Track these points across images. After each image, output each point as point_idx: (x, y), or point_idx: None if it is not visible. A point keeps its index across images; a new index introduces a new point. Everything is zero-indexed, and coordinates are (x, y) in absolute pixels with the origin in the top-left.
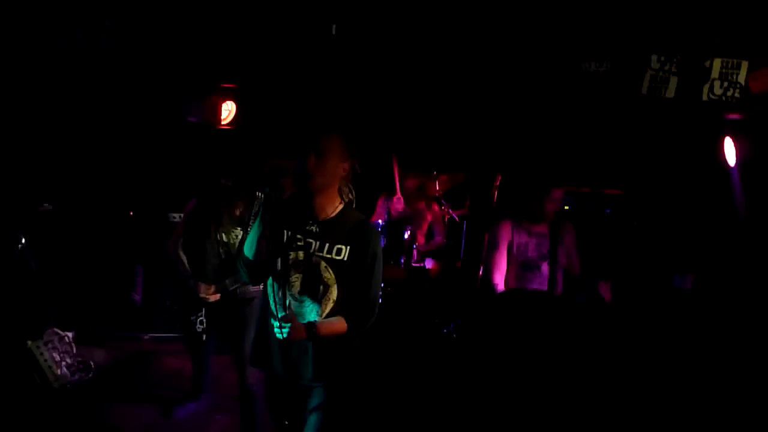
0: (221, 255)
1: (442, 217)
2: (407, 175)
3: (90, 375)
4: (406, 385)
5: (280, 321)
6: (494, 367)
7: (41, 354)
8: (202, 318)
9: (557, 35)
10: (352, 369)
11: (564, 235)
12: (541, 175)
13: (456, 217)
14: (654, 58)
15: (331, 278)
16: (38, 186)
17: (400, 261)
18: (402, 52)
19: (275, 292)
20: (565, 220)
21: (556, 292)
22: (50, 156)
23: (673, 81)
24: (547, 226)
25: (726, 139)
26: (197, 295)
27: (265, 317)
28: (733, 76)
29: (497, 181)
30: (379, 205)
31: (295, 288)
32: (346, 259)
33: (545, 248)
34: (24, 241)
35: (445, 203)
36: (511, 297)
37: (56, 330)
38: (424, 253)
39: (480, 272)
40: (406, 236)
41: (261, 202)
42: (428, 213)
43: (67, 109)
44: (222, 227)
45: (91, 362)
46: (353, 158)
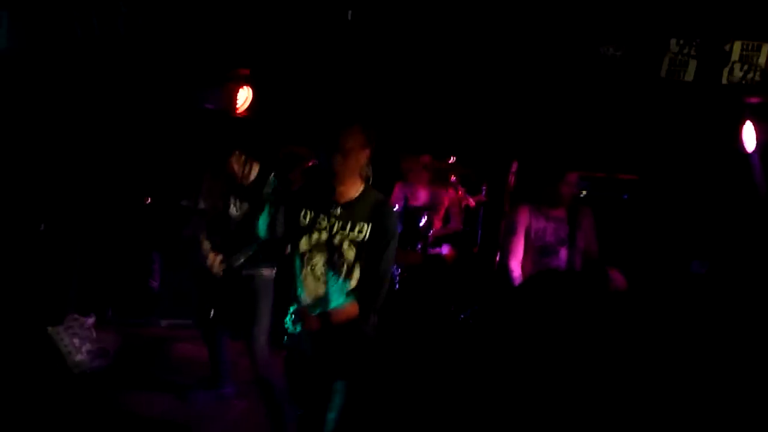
0: (231, 228)
1: (459, 202)
2: (422, 160)
3: (109, 361)
4: (423, 371)
5: (293, 314)
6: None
7: (61, 339)
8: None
9: (574, 19)
10: (373, 353)
11: (582, 219)
12: (556, 160)
13: (472, 203)
14: (673, 41)
15: (353, 257)
16: (57, 173)
17: (416, 247)
18: (418, 37)
19: (299, 273)
20: (583, 204)
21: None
22: (68, 143)
23: (692, 64)
24: (565, 211)
25: (746, 123)
26: (211, 281)
27: (289, 303)
28: (754, 58)
29: (514, 167)
30: (396, 191)
31: (318, 268)
32: (367, 237)
33: (563, 233)
34: (44, 227)
35: (461, 189)
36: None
37: (76, 316)
38: (440, 237)
39: (497, 258)
40: (423, 222)
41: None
42: (445, 198)
43: (85, 96)
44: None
45: (110, 348)
46: (373, 143)
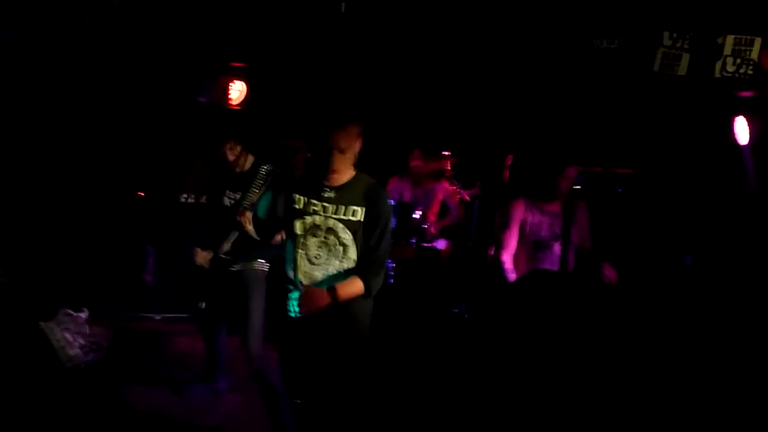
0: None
1: (454, 195)
2: (417, 156)
3: (102, 355)
4: (417, 365)
5: (299, 297)
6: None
7: (54, 334)
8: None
9: (569, 12)
10: (367, 348)
11: (577, 214)
12: (554, 153)
13: (467, 197)
14: (666, 35)
15: (348, 238)
16: (50, 167)
17: (411, 241)
18: (412, 30)
19: (292, 257)
20: (578, 199)
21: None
22: (61, 137)
23: (686, 58)
24: (560, 205)
25: (738, 118)
26: (202, 274)
27: (283, 291)
28: (746, 52)
29: (508, 161)
30: (391, 186)
31: (312, 252)
32: (361, 219)
33: (558, 228)
34: (37, 222)
35: (456, 183)
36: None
37: (69, 310)
38: (440, 229)
39: (490, 252)
40: (417, 216)
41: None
42: (439, 192)
43: (77, 90)
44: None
45: (104, 343)
46: (363, 132)
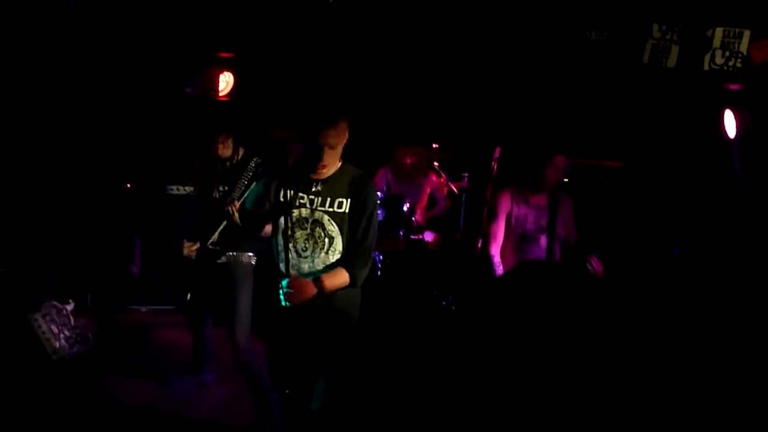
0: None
1: (442, 187)
2: (404, 150)
3: (88, 347)
4: (404, 357)
5: (287, 286)
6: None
7: (39, 326)
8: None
9: (558, 4)
10: (355, 340)
11: (562, 207)
12: (543, 143)
13: (455, 190)
14: (655, 27)
15: (335, 230)
16: (35, 158)
17: (399, 233)
18: (400, 21)
19: (281, 249)
20: (563, 192)
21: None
22: (46, 128)
23: (675, 50)
24: (546, 198)
25: (726, 111)
26: (188, 263)
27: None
28: (735, 45)
29: (497, 154)
30: (378, 177)
31: (299, 244)
32: (347, 211)
33: (544, 221)
34: (21, 213)
35: (444, 174)
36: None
37: (54, 302)
38: (427, 219)
39: (479, 244)
40: (405, 208)
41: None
42: (427, 185)
43: (62, 80)
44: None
45: (89, 335)
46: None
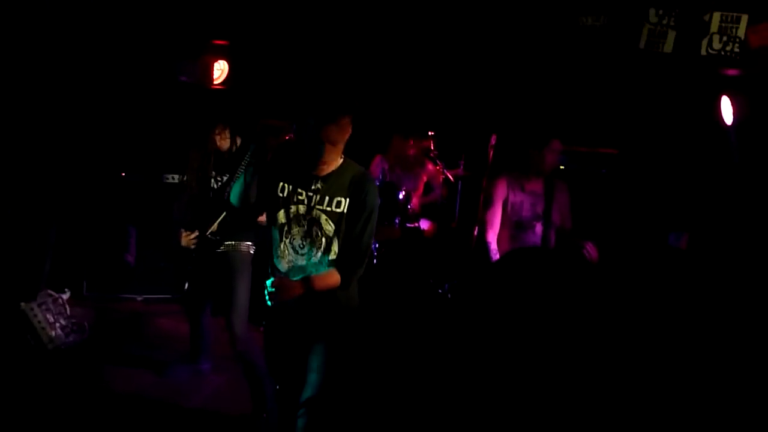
0: (208, 201)
1: (437, 175)
2: (402, 141)
3: (84, 336)
4: (401, 346)
5: (272, 287)
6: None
7: (35, 315)
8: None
9: None
10: (353, 328)
11: (558, 194)
12: (540, 127)
13: (451, 177)
14: (652, 11)
15: (332, 230)
16: (29, 146)
17: (394, 221)
18: (395, 9)
19: (277, 244)
20: (559, 179)
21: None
22: (39, 117)
23: (671, 35)
24: (542, 185)
25: (723, 97)
26: (186, 252)
27: (266, 273)
28: (733, 30)
29: (492, 141)
30: (374, 165)
31: (296, 241)
32: (345, 210)
33: (540, 208)
34: (16, 202)
35: (439, 162)
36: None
37: (50, 291)
38: (422, 205)
39: (475, 232)
40: (401, 196)
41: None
42: (423, 173)
43: (56, 69)
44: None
45: (85, 324)
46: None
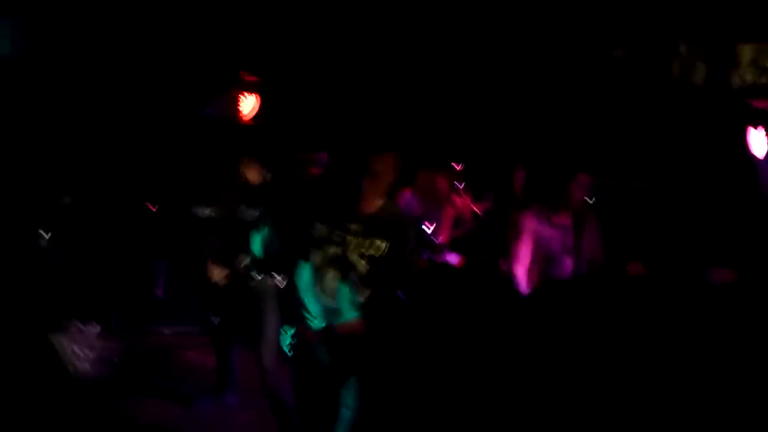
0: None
1: (465, 209)
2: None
3: (112, 368)
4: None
5: (291, 338)
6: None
7: (63, 347)
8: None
9: (584, 21)
10: (382, 363)
11: (587, 226)
12: (567, 161)
13: (479, 211)
14: (682, 44)
15: (368, 271)
16: (60, 181)
17: (423, 255)
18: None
19: (307, 284)
20: (588, 211)
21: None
22: (73, 151)
23: (702, 67)
24: (570, 218)
25: (752, 129)
26: (215, 286)
27: (296, 313)
28: (764, 61)
29: (520, 175)
30: (403, 200)
31: (330, 282)
32: (384, 254)
33: (570, 241)
34: (47, 235)
35: (467, 196)
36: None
37: (79, 323)
38: (451, 239)
39: (503, 266)
40: (429, 231)
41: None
42: (450, 207)
43: (89, 103)
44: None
45: (113, 356)
46: (399, 167)
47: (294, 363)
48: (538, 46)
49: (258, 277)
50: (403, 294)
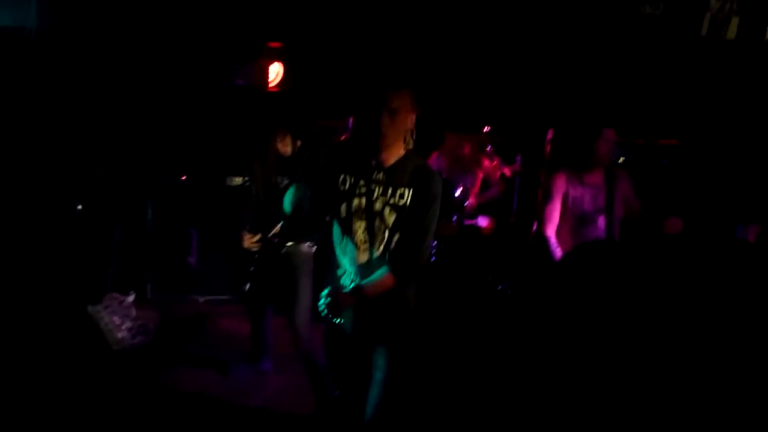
0: (267, 205)
1: (494, 171)
2: (457, 139)
3: (149, 338)
4: (461, 345)
5: (326, 299)
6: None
7: (101, 318)
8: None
9: None
10: (413, 327)
11: (619, 183)
12: (593, 119)
13: (508, 173)
14: None
15: (394, 222)
16: (94, 153)
17: (452, 218)
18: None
19: (339, 239)
20: (619, 168)
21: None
22: (105, 123)
23: (735, 21)
24: (602, 176)
25: None
26: (248, 254)
27: (330, 271)
28: None
29: (549, 135)
30: (431, 161)
31: (358, 235)
32: (408, 203)
33: (602, 200)
34: (81, 207)
35: (496, 158)
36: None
37: (115, 294)
38: (480, 203)
39: (533, 228)
40: (458, 194)
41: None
42: (479, 170)
43: (119, 75)
44: (269, 173)
45: (150, 325)
46: (419, 109)
47: (326, 326)
48: (565, 3)
49: (290, 243)
50: (433, 253)
